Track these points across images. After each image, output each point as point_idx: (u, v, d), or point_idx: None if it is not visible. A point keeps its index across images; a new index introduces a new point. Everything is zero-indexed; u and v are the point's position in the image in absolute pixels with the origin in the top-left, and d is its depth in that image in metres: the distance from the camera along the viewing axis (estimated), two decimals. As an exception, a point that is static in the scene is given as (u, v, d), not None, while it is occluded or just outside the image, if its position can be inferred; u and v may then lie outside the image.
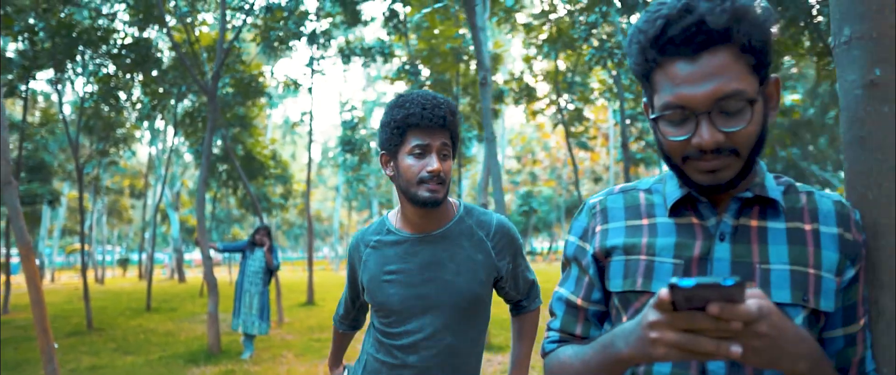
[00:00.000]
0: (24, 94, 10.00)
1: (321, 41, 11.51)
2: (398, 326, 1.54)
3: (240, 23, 9.29)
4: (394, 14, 11.32)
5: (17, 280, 18.84)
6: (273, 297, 9.56)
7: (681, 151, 0.84)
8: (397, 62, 12.65)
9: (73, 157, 10.32)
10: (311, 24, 11.05)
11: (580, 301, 1.00)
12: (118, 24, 9.92)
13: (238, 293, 6.81)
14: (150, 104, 11.63)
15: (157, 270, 31.97)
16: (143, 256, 22.57)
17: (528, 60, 15.01)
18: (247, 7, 9.53)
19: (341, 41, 12.45)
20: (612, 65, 10.83)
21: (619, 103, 12.63)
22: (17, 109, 18.42)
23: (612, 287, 0.95)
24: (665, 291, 0.65)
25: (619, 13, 9.53)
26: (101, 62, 9.85)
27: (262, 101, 13.71)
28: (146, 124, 18.40)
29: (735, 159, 0.82)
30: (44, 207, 16.14)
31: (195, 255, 40.26)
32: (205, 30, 12.13)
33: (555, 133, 26.41)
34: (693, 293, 0.63)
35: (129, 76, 10.36)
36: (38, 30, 8.48)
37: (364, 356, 1.67)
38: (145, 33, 10.06)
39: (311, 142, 13.00)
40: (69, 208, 28.52)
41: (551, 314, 1.05)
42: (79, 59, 9.47)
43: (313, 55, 11.80)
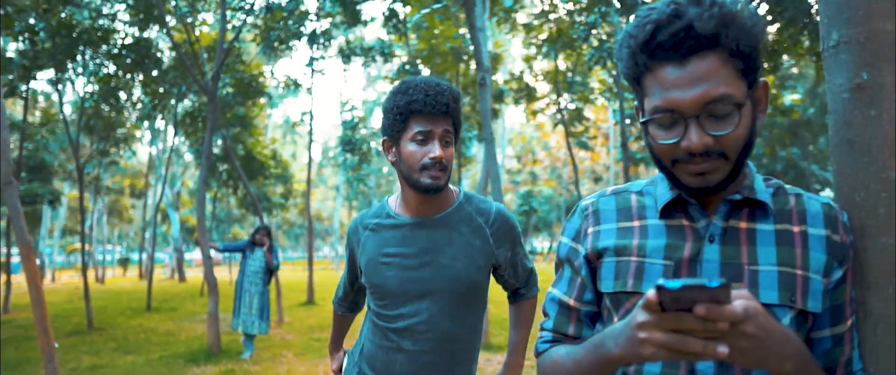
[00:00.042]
0: (24, 94, 10.01)
1: (321, 41, 11.50)
2: (394, 309, 1.54)
3: (240, 23, 9.30)
4: (394, 14, 11.32)
5: (18, 280, 18.83)
6: (273, 297, 9.57)
7: (670, 154, 0.85)
8: (397, 62, 12.65)
9: (73, 157, 10.32)
10: (311, 24, 11.04)
11: (573, 302, 1.02)
12: (118, 24, 9.92)
13: (238, 292, 6.81)
14: (150, 104, 11.64)
15: (157, 269, 31.98)
16: (144, 255, 22.58)
17: (528, 59, 15.00)
18: (247, 7, 9.53)
19: (341, 41, 12.44)
20: (611, 65, 10.84)
21: (618, 103, 12.63)
22: (17, 109, 18.43)
23: (603, 288, 0.96)
24: (652, 292, 0.66)
25: (618, 13, 9.54)
26: (102, 62, 9.86)
27: (262, 101, 13.73)
28: (146, 124, 18.42)
29: (723, 162, 0.83)
30: (44, 207, 16.13)
31: (195, 255, 40.25)
32: (205, 30, 12.13)
33: (555, 133, 26.42)
34: (680, 295, 0.64)
35: (129, 76, 10.37)
36: (38, 30, 8.48)
37: (361, 339, 1.68)
38: (145, 33, 10.07)
39: (312, 142, 13.01)
40: (70, 208, 28.53)
41: (544, 314, 1.07)
42: (79, 59, 9.48)
43: (313, 55, 11.81)
